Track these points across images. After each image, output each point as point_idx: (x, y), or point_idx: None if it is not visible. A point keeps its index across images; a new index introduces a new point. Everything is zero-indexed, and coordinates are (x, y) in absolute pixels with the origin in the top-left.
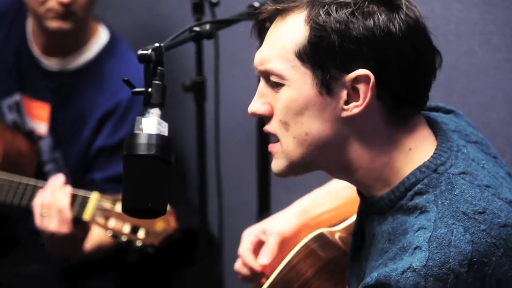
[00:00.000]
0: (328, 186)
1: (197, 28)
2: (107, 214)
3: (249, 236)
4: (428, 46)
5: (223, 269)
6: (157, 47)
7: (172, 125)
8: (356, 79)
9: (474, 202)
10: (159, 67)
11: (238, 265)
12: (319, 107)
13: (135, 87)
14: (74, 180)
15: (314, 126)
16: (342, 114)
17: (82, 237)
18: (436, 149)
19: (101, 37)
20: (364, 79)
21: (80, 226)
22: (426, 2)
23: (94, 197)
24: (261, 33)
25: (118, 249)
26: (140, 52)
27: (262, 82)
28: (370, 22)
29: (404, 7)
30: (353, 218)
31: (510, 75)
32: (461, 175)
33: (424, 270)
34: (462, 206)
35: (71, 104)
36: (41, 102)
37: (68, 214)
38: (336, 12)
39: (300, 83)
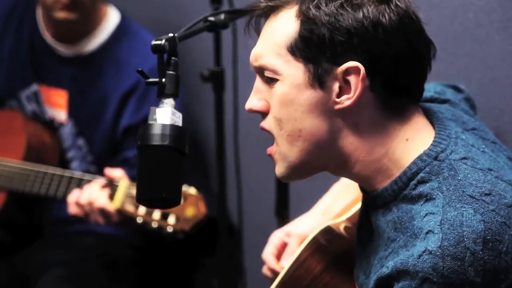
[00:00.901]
0: (343, 179)
1: (211, 18)
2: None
3: (274, 239)
4: (420, 36)
5: (243, 258)
6: (171, 37)
7: (191, 115)
8: (347, 71)
9: (479, 185)
10: (173, 57)
11: (264, 269)
12: (312, 101)
13: (148, 78)
14: (103, 164)
15: (308, 122)
16: (335, 107)
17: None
18: (435, 137)
19: (111, 19)
20: (355, 71)
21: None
22: None
23: (123, 184)
24: (256, 30)
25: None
26: (153, 42)
27: (258, 79)
28: (360, 14)
29: None
30: (356, 207)
31: None
32: (462, 160)
33: (440, 250)
34: (468, 190)
35: (90, 88)
36: (58, 89)
37: (111, 210)
38: (326, 5)
39: (293, 77)
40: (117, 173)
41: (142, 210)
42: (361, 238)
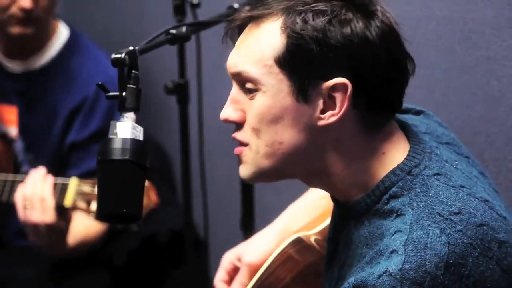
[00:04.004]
0: (304, 199)
1: (173, 31)
2: (88, 198)
3: (224, 263)
4: (402, 52)
5: (209, 270)
6: (131, 50)
7: (156, 128)
8: (334, 87)
9: (449, 203)
10: (133, 71)
11: None
12: (295, 115)
13: (109, 92)
14: None
15: (289, 135)
16: (318, 123)
17: (66, 227)
18: (409, 151)
19: (61, 34)
20: (342, 87)
21: (63, 216)
22: (407, 1)
23: (73, 182)
24: (234, 39)
25: (104, 249)
26: (113, 56)
27: (235, 88)
28: (348, 30)
29: (379, 14)
30: (328, 221)
31: (490, 73)
32: (435, 177)
33: (400, 274)
34: (438, 208)
35: (39, 104)
36: (8, 106)
37: (50, 202)
38: (313, 20)
39: (276, 89)
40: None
41: (94, 206)
42: (331, 249)
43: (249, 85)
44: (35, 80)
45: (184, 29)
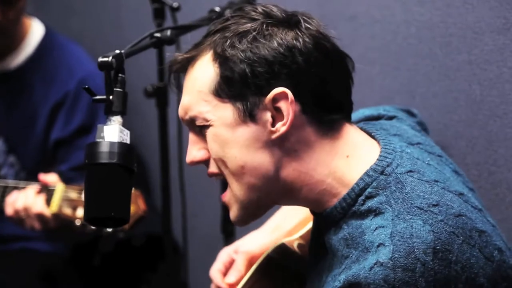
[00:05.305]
0: None
1: (158, 34)
2: (74, 204)
3: (222, 256)
4: (336, 51)
5: (187, 276)
6: (118, 54)
7: (134, 131)
8: (275, 99)
9: (426, 196)
10: (120, 74)
11: (211, 286)
12: (248, 136)
13: (95, 95)
14: (36, 180)
15: (248, 157)
16: (272, 137)
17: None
18: (380, 152)
19: (36, 32)
20: (282, 96)
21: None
22: (387, 6)
23: (59, 188)
24: (177, 86)
25: (79, 252)
26: (100, 59)
27: (191, 133)
28: (274, 43)
29: (302, 21)
30: (309, 225)
31: (471, 77)
32: (408, 173)
33: (391, 262)
34: (416, 201)
35: (18, 104)
36: None
37: (48, 215)
38: (239, 42)
39: (224, 118)
40: (51, 177)
41: (80, 212)
42: (313, 257)
43: (199, 123)
44: (12, 81)
45: (168, 32)
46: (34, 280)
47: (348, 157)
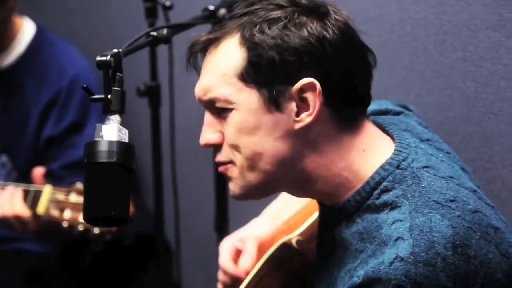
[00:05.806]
0: None
1: (154, 33)
2: (61, 205)
3: (226, 246)
4: (361, 45)
5: (180, 275)
6: (116, 53)
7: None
8: (302, 89)
9: (443, 192)
10: (118, 73)
11: (220, 276)
12: (270, 125)
13: (93, 94)
14: (28, 180)
15: (268, 145)
16: (295, 127)
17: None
18: (396, 146)
19: (27, 30)
20: (310, 87)
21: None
22: (382, 4)
23: (47, 190)
24: (194, 66)
25: (76, 259)
26: (98, 58)
27: (208, 113)
28: (304, 32)
29: (332, 13)
30: (309, 221)
31: (465, 74)
32: (424, 169)
33: (412, 257)
34: (433, 196)
35: (10, 103)
36: None
37: (26, 216)
38: (269, 28)
39: (248, 104)
40: (38, 170)
41: (67, 214)
42: (322, 252)
43: (220, 105)
44: (3, 79)
45: (165, 31)
46: (25, 281)
47: (365, 151)
